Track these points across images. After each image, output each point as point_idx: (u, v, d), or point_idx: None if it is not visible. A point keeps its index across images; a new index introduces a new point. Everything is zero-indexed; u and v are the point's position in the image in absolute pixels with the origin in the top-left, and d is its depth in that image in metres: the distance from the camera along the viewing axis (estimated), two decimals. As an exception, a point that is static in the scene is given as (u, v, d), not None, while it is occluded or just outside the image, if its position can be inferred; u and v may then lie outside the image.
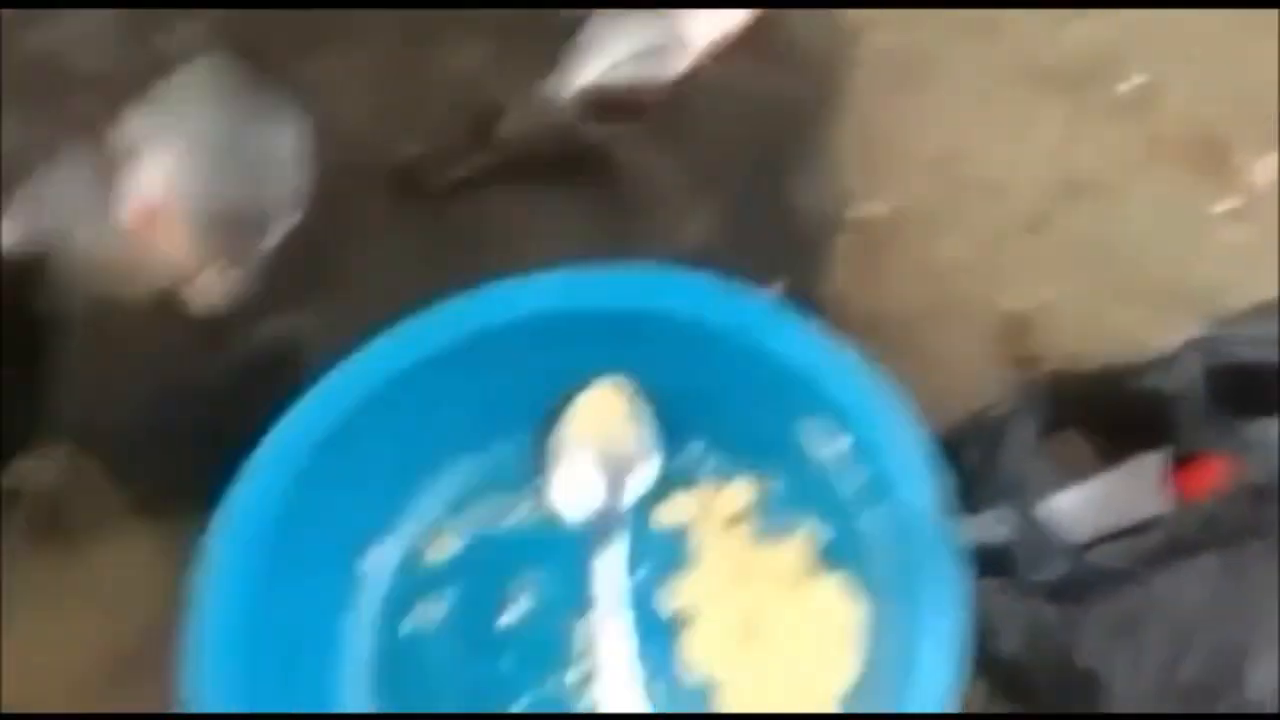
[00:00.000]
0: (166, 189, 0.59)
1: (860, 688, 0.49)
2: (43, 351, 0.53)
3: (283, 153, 0.61)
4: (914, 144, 0.67)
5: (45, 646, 0.54)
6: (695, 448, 0.55)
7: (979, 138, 0.68)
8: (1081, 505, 0.51)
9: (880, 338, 0.59)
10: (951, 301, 0.62)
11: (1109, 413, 0.53)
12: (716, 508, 0.54)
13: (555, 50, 0.64)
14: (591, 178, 0.60)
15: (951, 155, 0.67)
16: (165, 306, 0.56)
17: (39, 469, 0.53)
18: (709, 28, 0.64)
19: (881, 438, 0.50)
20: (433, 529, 0.53)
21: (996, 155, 0.67)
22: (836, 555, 0.52)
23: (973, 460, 0.52)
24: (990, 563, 0.50)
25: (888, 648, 0.49)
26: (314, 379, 0.52)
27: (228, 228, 0.59)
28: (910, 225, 0.64)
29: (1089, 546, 0.49)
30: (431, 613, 0.52)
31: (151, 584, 0.54)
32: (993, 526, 0.50)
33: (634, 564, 0.53)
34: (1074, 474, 0.53)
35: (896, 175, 0.66)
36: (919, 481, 0.49)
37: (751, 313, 0.53)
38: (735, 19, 0.64)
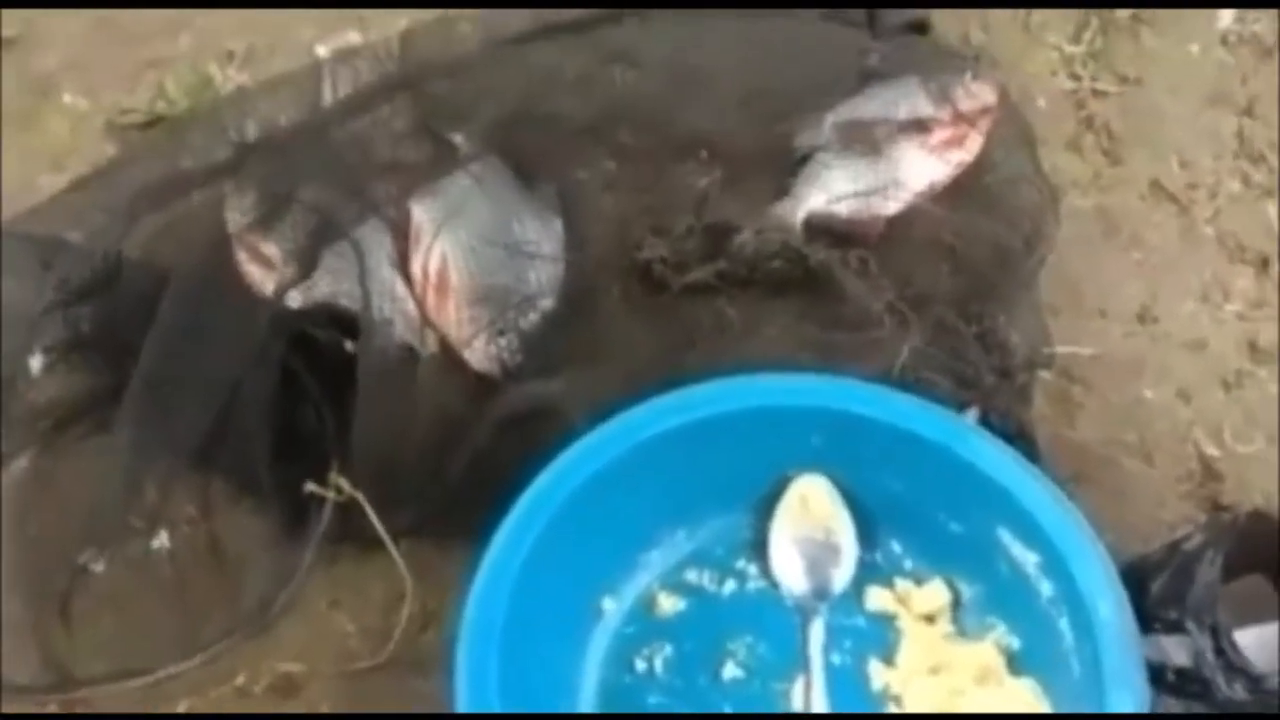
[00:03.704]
0: (446, 266, 0.69)
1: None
2: (348, 390, 0.61)
3: (544, 246, 0.70)
4: (1114, 297, 0.73)
5: (316, 634, 0.61)
6: (893, 548, 0.61)
7: (1174, 296, 0.73)
8: (1259, 645, 0.54)
9: (1076, 468, 0.65)
10: (1147, 442, 0.67)
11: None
12: (914, 604, 0.59)
13: (782, 180, 0.72)
14: (811, 294, 0.68)
15: (1149, 310, 0.73)
16: (447, 364, 0.65)
17: (334, 488, 0.61)
18: (924, 174, 0.72)
19: (1072, 554, 0.55)
20: (660, 586, 0.60)
21: (1190, 314, 0.73)
22: (1026, 660, 0.57)
23: (1160, 588, 0.56)
24: (1168, 685, 0.54)
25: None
26: (566, 439, 0.59)
27: (497, 304, 0.68)
28: (1111, 369, 0.69)
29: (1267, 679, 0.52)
30: (656, 660, 0.58)
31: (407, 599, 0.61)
32: (1177, 650, 0.53)
33: (842, 642, 0.58)
34: (1255, 616, 0.57)
35: (1098, 323, 0.72)
36: (1108, 597, 0.53)
37: (954, 428, 0.59)
38: (947, 169, 0.72)
